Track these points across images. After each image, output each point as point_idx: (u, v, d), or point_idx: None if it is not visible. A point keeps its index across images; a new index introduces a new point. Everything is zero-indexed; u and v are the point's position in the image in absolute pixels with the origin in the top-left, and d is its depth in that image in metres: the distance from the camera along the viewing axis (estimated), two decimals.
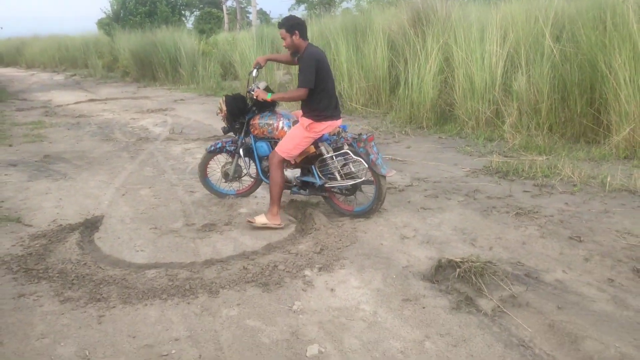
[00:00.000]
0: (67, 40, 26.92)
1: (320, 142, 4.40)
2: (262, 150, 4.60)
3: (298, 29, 4.23)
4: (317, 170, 4.47)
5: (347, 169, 4.39)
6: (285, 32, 4.25)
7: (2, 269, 3.58)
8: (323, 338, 2.75)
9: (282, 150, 4.26)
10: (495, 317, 2.90)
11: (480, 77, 7.38)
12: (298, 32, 4.23)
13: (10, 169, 6.31)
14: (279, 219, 4.30)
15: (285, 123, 4.49)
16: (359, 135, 4.35)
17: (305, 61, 4.18)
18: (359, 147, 4.29)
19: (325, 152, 4.40)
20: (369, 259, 3.68)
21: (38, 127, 9.33)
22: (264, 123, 4.54)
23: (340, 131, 4.44)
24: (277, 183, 4.29)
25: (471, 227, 4.16)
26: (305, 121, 4.27)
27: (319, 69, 4.19)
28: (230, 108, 4.60)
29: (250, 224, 4.26)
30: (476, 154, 6.41)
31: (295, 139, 4.28)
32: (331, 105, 4.33)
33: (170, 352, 2.64)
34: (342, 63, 9.82)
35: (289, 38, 4.25)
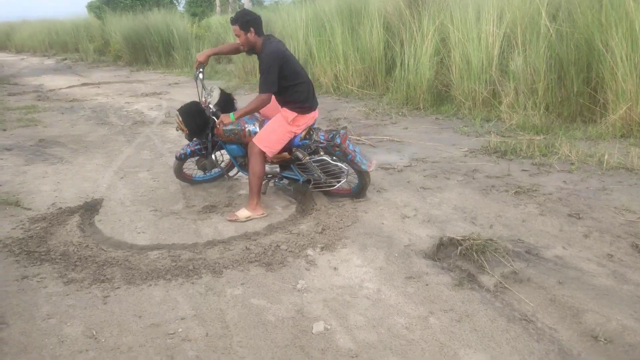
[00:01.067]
0: (57, 25, 26.56)
1: (294, 148, 4.21)
2: (234, 152, 4.42)
3: (253, 26, 3.90)
4: (297, 169, 4.33)
5: (328, 169, 4.26)
6: (239, 29, 3.90)
7: (3, 252, 3.58)
8: (328, 315, 2.78)
9: (263, 144, 4.04)
10: (497, 293, 2.94)
11: (476, 58, 7.37)
12: (253, 29, 3.90)
13: (5, 153, 6.26)
14: (261, 209, 4.16)
15: (251, 128, 4.19)
16: (333, 137, 4.10)
17: (265, 63, 3.88)
18: (334, 151, 4.14)
19: (302, 157, 4.20)
20: (371, 238, 3.71)
21: (31, 111, 9.24)
22: (228, 131, 4.21)
23: (312, 133, 4.18)
24: (256, 174, 4.07)
25: (471, 206, 4.19)
26: (289, 114, 4.05)
27: (284, 66, 3.92)
28: (190, 128, 4.21)
29: (234, 221, 4.05)
30: (473, 134, 6.42)
31: (276, 133, 4.07)
32: (310, 94, 4.16)
33: (177, 330, 2.66)
34: (338, 45, 9.76)
35: (243, 35, 3.92)
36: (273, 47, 3.94)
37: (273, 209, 4.31)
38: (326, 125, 7.38)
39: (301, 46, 10.77)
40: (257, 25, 3.92)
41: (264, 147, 4.04)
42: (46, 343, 2.55)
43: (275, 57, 3.89)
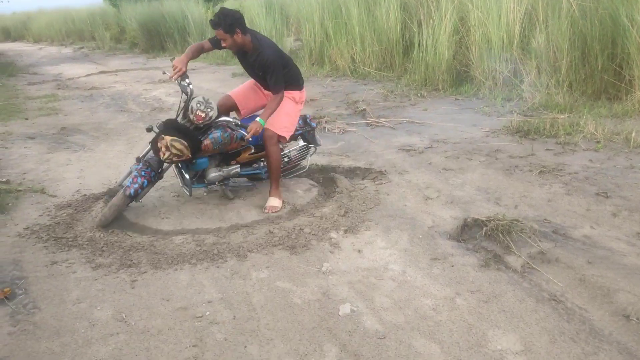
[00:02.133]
0: (73, 13, 26.68)
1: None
2: (202, 165, 3.93)
3: (238, 26, 3.69)
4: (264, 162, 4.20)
5: (297, 155, 4.33)
6: (223, 33, 3.68)
7: (32, 238, 3.63)
8: (354, 297, 2.78)
9: (282, 129, 3.96)
10: (524, 274, 2.91)
11: (497, 36, 7.24)
12: (239, 29, 3.70)
13: (29, 141, 6.34)
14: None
15: (237, 134, 3.83)
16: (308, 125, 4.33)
17: (272, 64, 3.79)
18: (309, 135, 4.32)
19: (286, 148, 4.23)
20: (394, 220, 3.69)
21: (52, 100, 9.33)
22: (217, 145, 3.80)
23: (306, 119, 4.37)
24: (278, 159, 3.99)
25: (494, 187, 4.14)
26: (294, 94, 4.09)
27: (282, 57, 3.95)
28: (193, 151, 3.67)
29: (274, 213, 3.92)
30: (495, 114, 6.33)
31: (290, 115, 4.05)
32: (299, 71, 4.23)
33: (205, 313, 2.68)
34: (354, 27, 9.67)
35: (230, 39, 3.71)
36: (271, 46, 3.90)
37: (294, 193, 4.30)
38: (344, 108, 7.34)
39: (317, 29, 10.69)
40: (241, 24, 3.72)
41: (284, 131, 4.00)
42: (78, 326, 2.59)
43: (279, 56, 3.90)
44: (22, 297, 2.88)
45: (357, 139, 5.81)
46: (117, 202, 3.70)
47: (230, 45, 3.77)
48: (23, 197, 4.44)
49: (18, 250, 3.47)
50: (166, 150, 3.53)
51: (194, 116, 3.62)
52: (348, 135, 5.99)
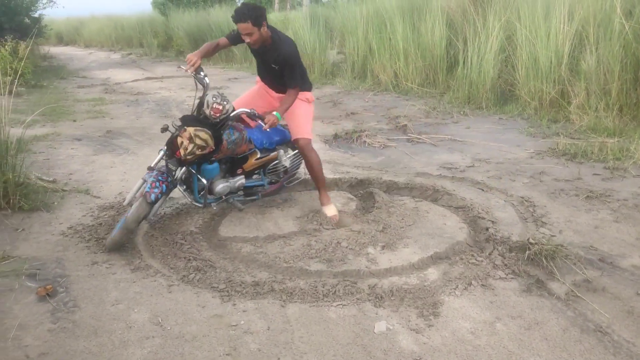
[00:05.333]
0: (123, 20, 27.50)
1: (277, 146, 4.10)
2: (213, 172, 3.67)
3: (265, 19, 3.58)
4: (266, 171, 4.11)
5: (291, 164, 4.22)
6: (252, 27, 3.52)
7: (75, 237, 3.72)
8: (390, 316, 2.73)
9: (307, 133, 3.93)
10: (569, 302, 2.80)
11: (545, 56, 7.10)
12: (265, 22, 3.59)
13: (76, 143, 6.51)
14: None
15: (247, 134, 3.77)
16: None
17: (294, 59, 3.73)
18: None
19: (284, 155, 4.13)
20: (433, 238, 3.62)
21: (99, 103, 9.60)
22: (231, 144, 3.62)
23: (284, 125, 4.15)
24: (320, 165, 3.99)
25: (539, 210, 4.03)
26: (307, 95, 4.03)
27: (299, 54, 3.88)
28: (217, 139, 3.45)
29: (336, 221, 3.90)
30: (540, 136, 6.19)
31: (309, 116, 4.02)
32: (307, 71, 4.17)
33: (240, 322, 2.68)
34: (398, 42, 9.65)
35: (257, 32, 3.57)
36: (290, 42, 3.80)
37: None
38: (385, 122, 7.31)
39: (361, 43, 10.72)
40: (265, 18, 3.61)
41: (309, 134, 3.95)
42: (115, 328, 2.62)
43: (297, 52, 3.83)
44: (63, 295, 2.94)
45: (397, 154, 5.76)
46: (133, 218, 3.35)
47: (256, 39, 3.60)
48: (68, 196, 4.56)
49: (61, 248, 3.55)
50: (189, 143, 3.31)
51: (211, 110, 3.38)
52: (388, 150, 5.95)
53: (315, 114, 8.00)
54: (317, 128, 7.12)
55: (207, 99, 3.43)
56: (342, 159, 5.66)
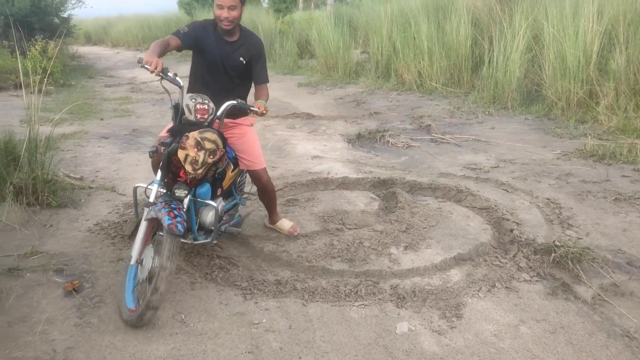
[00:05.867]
0: (150, 20, 27.83)
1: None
2: (207, 195, 3.05)
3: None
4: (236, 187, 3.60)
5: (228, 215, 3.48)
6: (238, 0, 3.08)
7: (101, 234, 3.78)
8: (412, 317, 2.71)
9: (263, 161, 3.49)
10: (595, 306, 2.75)
11: (573, 56, 6.97)
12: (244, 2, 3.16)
13: (103, 141, 6.62)
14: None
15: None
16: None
17: (263, 50, 3.36)
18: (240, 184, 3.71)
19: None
20: (457, 239, 3.59)
21: (125, 102, 9.74)
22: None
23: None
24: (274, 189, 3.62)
25: (565, 212, 3.96)
26: (250, 120, 3.53)
27: None
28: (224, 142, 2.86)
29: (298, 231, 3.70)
30: (567, 136, 6.08)
31: (259, 142, 3.54)
32: None
33: (261, 321, 2.69)
34: (423, 41, 9.58)
35: (239, 9, 3.11)
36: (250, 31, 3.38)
37: (355, 205, 4.27)
38: (409, 122, 7.26)
39: (385, 42, 10.67)
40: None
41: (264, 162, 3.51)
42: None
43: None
44: (89, 290, 2.99)
45: (420, 154, 5.73)
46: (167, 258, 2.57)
47: (236, 17, 3.11)
48: (94, 194, 4.63)
49: (88, 245, 3.61)
50: (198, 152, 2.68)
51: (195, 113, 2.79)
52: (412, 150, 5.91)
53: (338, 113, 8.07)
54: (340, 127, 7.12)
55: (186, 103, 2.81)
56: (365, 158, 5.64)
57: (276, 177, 5.03)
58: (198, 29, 3.20)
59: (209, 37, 3.21)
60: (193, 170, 2.73)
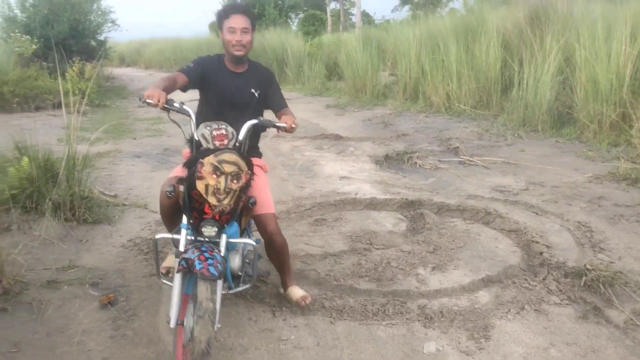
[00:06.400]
0: (182, 42, 28.54)
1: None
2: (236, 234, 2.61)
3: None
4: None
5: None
6: (250, 24, 2.96)
7: (134, 250, 3.88)
8: (439, 337, 2.71)
9: (272, 206, 2.97)
10: (627, 330, 2.71)
11: (605, 78, 6.90)
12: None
13: (135, 159, 6.80)
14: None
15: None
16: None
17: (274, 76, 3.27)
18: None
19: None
20: (485, 261, 3.58)
21: (157, 122, 9.98)
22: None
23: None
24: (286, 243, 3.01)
25: (597, 235, 3.91)
26: (261, 162, 3.20)
27: None
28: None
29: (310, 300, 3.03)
30: (599, 159, 6.01)
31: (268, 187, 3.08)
32: None
33: (290, 337, 2.73)
34: (452, 63, 9.62)
35: (250, 34, 2.97)
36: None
37: (383, 226, 4.29)
38: (437, 144, 7.27)
39: (413, 64, 10.75)
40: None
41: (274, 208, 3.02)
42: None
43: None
44: (123, 304, 3.08)
45: (448, 176, 5.73)
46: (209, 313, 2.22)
47: (249, 42, 2.97)
48: (128, 210, 4.76)
49: (121, 260, 3.71)
50: (218, 177, 2.33)
51: (213, 140, 2.49)
52: (440, 172, 5.92)
53: (366, 135, 8.13)
54: (368, 149, 7.17)
55: (201, 132, 2.51)
56: (393, 180, 5.67)
57: (304, 196, 5.10)
58: (205, 62, 3.05)
59: (218, 70, 3.03)
60: (218, 201, 2.35)
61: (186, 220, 2.47)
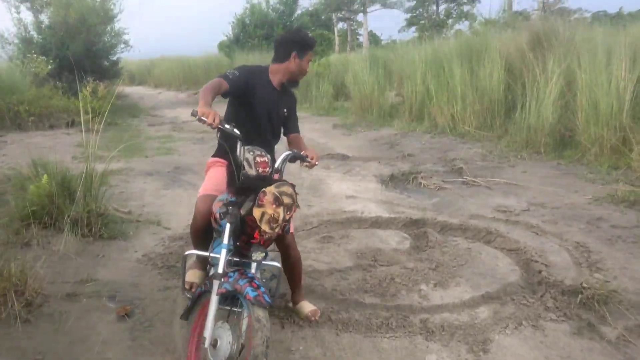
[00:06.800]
0: (190, 61, 28.93)
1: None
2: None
3: None
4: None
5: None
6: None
7: (149, 264, 4.05)
8: (440, 349, 2.86)
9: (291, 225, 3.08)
10: (619, 346, 2.85)
11: (605, 103, 7.08)
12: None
13: (147, 177, 7.00)
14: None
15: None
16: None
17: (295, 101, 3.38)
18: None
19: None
20: (485, 278, 3.72)
21: (168, 140, 10.22)
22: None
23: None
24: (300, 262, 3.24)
25: (594, 255, 4.05)
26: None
27: None
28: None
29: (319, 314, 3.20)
30: (599, 182, 6.16)
31: None
32: None
33: (298, 348, 2.88)
34: (456, 85, 9.83)
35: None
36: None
37: (388, 244, 4.45)
38: (441, 165, 7.44)
39: (418, 86, 10.97)
40: None
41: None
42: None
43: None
44: (139, 315, 3.24)
45: (452, 196, 5.89)
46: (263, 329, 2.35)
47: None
48: (142, 227, 4.94)
49: (137, 274, 3.89)
50: (277, 207, 2.48)
51: (256, 166, 2.64)
52: (443, 192, 6.08)
53: (372, 155, 8.32)
54: (374, 168, 7.35)
55: (245, 156, 2.65)
56: (398, 199, 5.83)
57: (312, 214, 5.26)
58: (249, 72, 3.08)
59: (262, 83, 3.12)
60: (271, 229, 2.48)
61: (228, 241, 2.52)
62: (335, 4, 33.39)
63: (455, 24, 31.59)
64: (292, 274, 3.19)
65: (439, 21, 32.19)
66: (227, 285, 2.44)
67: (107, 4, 15.61)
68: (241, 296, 2.43)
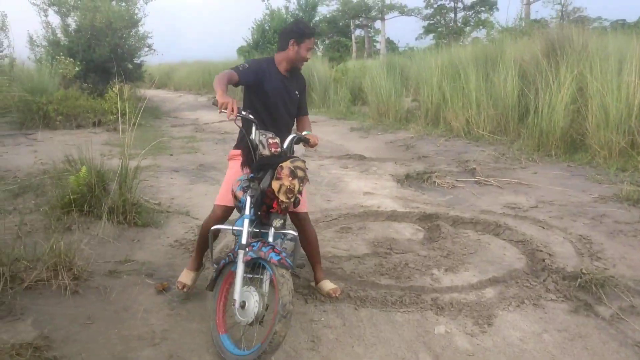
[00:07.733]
0: (210, 66, 29.46)
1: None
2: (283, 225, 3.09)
3: None
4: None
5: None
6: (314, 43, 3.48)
7: (180, 248, 4.41)
8: (449, 322, 3.16)
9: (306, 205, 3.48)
10: (612, 322, 3.13)
11: (615, 108, 7.32)
12: None
13: (174, 173, 7.38)
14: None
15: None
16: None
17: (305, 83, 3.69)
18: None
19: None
20: (492, 265, 4.01)
21: (191, 140, 10.63)
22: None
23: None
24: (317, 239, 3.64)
25: (595, 247, 4.32)
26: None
27: None
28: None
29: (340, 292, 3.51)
30: (606, 182, 6.40)
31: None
32: None
33: (320, 319, 3.21)
34: (471, 91, 10.11)
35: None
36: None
37: (402, 235, 4.75)
38: (455, 166, 7.72)
39: (434, 91, 11.25)
40: None
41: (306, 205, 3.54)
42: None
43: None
44: (176, 291, 3.58)
45: (464, 194, 6.17)
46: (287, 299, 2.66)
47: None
48: (171, 217, 5.30)
49: (171, 256, 4.24)
50: (292, 180, 2.83)
51: (269, 147, 2.96)
52: (456, 190, 6.37)
53: (388, 156, 8.63)
54: (390, 168, 7.65)
55: (259, 139, 3.00)
56: (413, 196, 6.13)
57: (331, 208, 5.59)
58: (257, 64, 3.36)
59: (270, 73, 3.38)
60: (287, 199, 2.83)
61: (250, 212, 2.90)
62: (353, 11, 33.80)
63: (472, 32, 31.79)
64: (310, 248, 3.56)
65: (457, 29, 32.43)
66: (252, 254, 2.76)
67: (132, 8, 16.12)
68: (265, 261, 2.76)
